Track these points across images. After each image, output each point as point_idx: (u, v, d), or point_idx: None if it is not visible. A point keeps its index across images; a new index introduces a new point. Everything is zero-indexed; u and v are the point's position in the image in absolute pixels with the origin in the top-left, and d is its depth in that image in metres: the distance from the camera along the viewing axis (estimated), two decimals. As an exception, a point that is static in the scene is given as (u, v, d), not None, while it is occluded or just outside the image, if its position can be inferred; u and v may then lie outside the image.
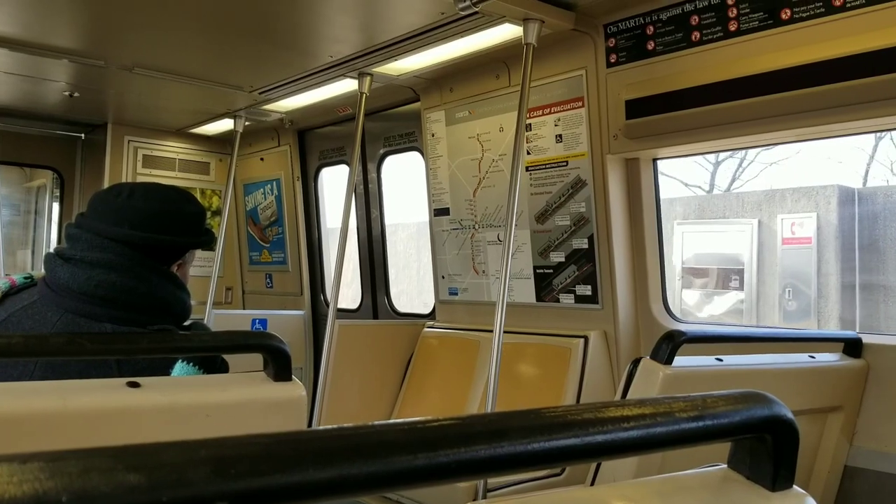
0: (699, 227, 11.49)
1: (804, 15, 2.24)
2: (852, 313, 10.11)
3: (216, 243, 4.31)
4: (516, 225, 2.82)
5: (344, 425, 0.51)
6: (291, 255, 4.94)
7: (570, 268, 3.06)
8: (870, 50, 2.05)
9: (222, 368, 1.74)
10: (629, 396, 1.84)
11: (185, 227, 1.87)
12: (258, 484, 0.44)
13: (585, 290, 3.02)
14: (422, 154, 3.78)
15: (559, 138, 3.05)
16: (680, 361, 1.82)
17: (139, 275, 1.74)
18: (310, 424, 3.52)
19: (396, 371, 3.67)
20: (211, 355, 1.70)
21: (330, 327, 3.31)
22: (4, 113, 4.46)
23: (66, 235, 1.80)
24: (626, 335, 2.95)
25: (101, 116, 4.69)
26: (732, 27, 2.42)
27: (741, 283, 10.79)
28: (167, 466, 0.42)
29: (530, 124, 3.14)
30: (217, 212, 5.12)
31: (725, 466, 0.72)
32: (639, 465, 1.71)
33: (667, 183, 18.87)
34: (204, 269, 4.54)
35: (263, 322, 4.51)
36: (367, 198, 4.46)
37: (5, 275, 2.46)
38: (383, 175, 4.40)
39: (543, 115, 3.10)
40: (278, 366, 1.38)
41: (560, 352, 2.99)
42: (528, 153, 3.16)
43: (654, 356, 1.82)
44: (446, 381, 3.44)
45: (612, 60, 2.79)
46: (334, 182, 4.92)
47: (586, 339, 2.94)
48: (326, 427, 0.50)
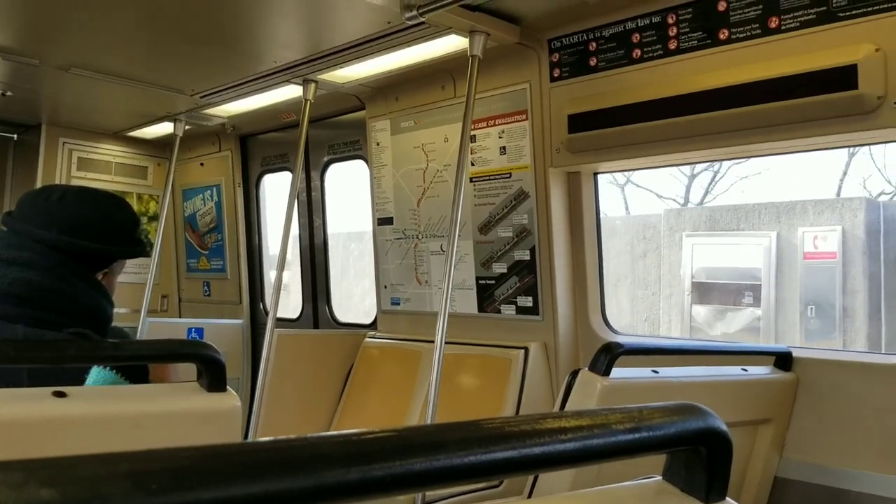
0: (710, 240, 10.73)
1: (741, 36, 2.31)
2: (879, 332, 9.54)
3: (153, 249, 4.20)
4: (459, 235, 2.82)
5: (276, 438, 0.49)
6: (231, 263, 4.85)
7: (512, 279, 3.08)
8: (803, 71, 2.12)
9: (144, 377, 1.69)
10: (567, 408, 1.85)
11: (115, 236, 1.81)
12: (181, 499, 0.42)
13: (527, 302, 3.04)
14: (366, 162, 3.76)
15: (503, 150, 3.07)
16: (617, 373, 1.84)
17: (61, 276, 1.68)
18: (246, 437, 3.45)
19: (336, 382, 3.63)
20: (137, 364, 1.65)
21: (269, 337, 3.25)
22: None
23: None
24: (566, 347, 2.98)
25: (35, 117, 4.53)
26: (672, 46, 2.48)
27: (755, 299, 10.10)
28: (83, 481, 0.39)
29: (475, 136, 3.15)
30: (154, 217, 5.00)
31: (660, 478, 0.72)
32: (575, 478, 1.72)
33: (642, 195, 19.09)
34: (139, 276, 4.42)
35: (200, 331, 4.41)
36: (311, 206, 4.42)
37: None
38: (327, 183, 4.36)
39: (488, 127, 3.11)
40: (212, 376, 1.35)
41: (501, 363, 2.99)
42: (473, 164, 3.18)
43: (593, 368, 1.84)
44: (387, 393, 3.41)
45: (556, 75, 2.82)
46: (277, 189, 4.86)
47: (527, 351, 2.95)
48: (257, 440, 0.49)
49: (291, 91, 3.56)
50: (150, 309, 4.32)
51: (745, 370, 2.29)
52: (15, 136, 4.95)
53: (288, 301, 5.51)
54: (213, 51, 3.11)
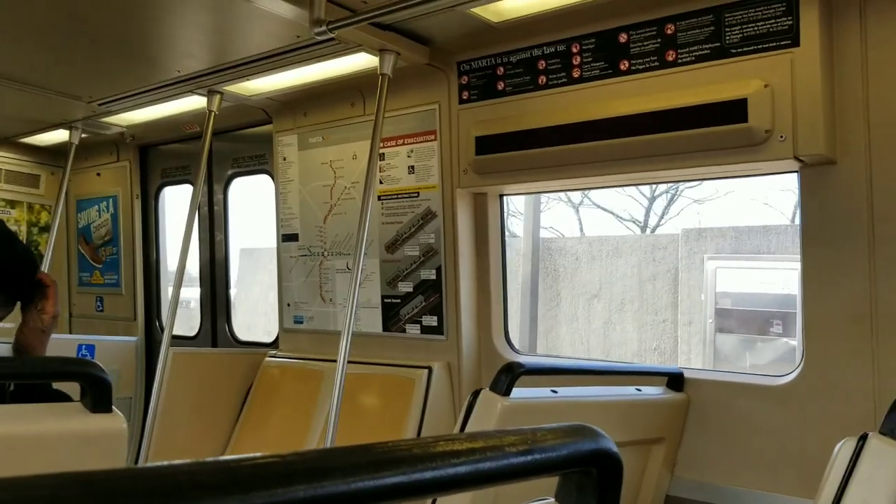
0: (735, 263, 9.73)
1: (640, 67, 2.40)
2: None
3: (42, 261, 3.99)
4: (366, 254, 2.80)
5: (151, 464, 0.46)
6: (126, 278, 4.66)
7: (418, 298, 3.07)
8: (698, 103, 2.21)
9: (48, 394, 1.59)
10: (468, 428, 1.85)
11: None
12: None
13: (431, 321, 3.04)
14: (272, 177, 3.68)
15: (411, 169, 3.07)
16: (518, 393, 1.86)
17: None
18: (137, 460, 3.30)
19: (235, 402, 3.52)
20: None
21: (163, 355, 3.13)
22: None
23: None
24: (469, 366, 2.99)
25: None
26: (576, 74, 2.55)
27: (784, 328, 9.10)
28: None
29: (384, 154, 3.14)
30: (45, 228, 4.76)
31: (553, 500, 0.73)
32: (472, 501, 1.71)
33: (601, 216, 18.83)
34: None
35: (91, 348, 4.19)
36: (212, 220, 4.29)
37: None
38: (230, 197, 4.25)
39: (397, 146, 3.11)
40: (97, 396, 1.27)
41: (404, 383, 2.97)
42: (381, 182, 3.16)
43: (494, 388, 1.85)
44: (287, 414, 3.33)
45: (465, 97, 2.85)
46: (177, 202, 4.70)
47: (430, 370, 2.95)
48: (130, 466, 0.46)
49: (195, 102, 3.46)
50: (37, 324, 4.08)
51: (640, 390, 2.35)
52: None
53: (190, 319, 5.33)
54: (114, 57, 2.99)
